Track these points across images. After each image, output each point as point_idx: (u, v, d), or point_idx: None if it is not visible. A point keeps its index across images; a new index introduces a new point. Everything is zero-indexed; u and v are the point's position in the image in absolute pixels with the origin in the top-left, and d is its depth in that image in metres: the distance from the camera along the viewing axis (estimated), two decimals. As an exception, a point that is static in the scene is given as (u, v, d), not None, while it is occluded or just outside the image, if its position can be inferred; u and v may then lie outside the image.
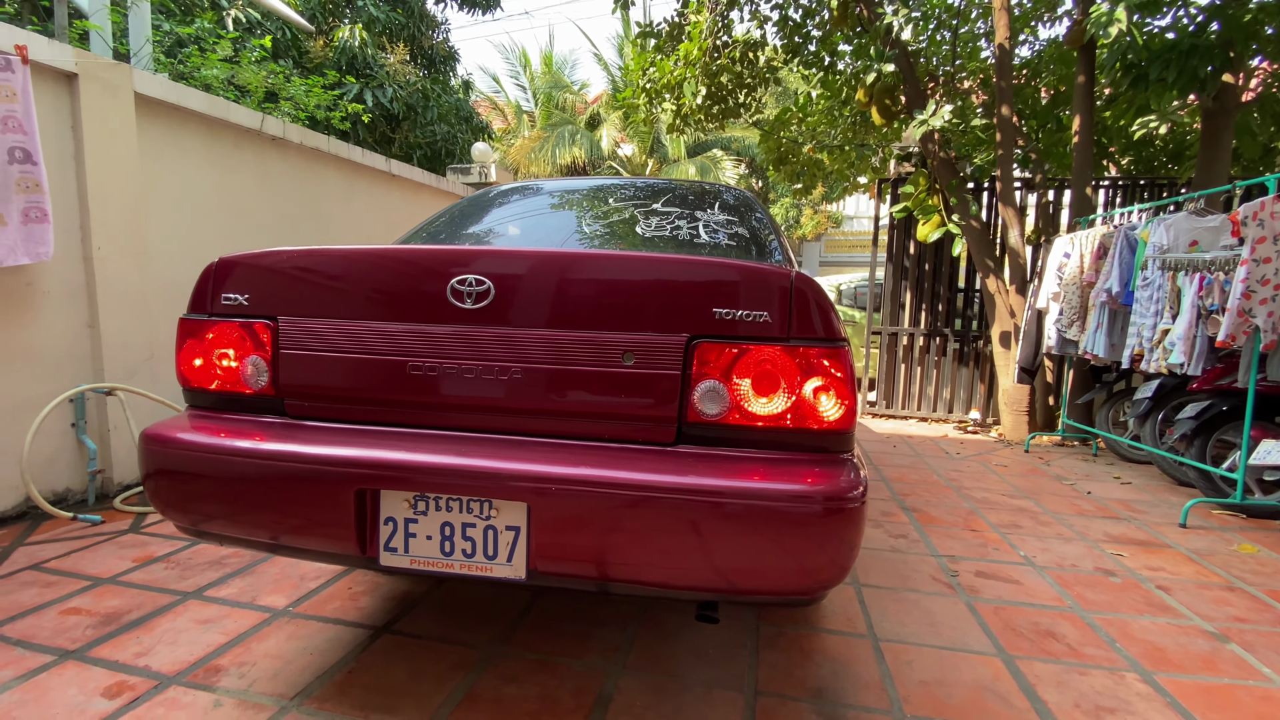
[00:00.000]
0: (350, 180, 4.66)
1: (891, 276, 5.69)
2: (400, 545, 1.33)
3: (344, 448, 1.35)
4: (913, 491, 3.48)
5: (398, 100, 5.98)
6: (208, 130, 3.50)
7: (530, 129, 16.24)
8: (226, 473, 1.39)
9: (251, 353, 1.49)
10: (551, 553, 1.26)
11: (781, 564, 1.20)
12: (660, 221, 2.15)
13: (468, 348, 1.36)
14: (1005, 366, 4.93)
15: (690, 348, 1.31)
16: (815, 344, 1.29)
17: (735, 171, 15.71)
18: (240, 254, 1.53)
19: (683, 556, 1.21)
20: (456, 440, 1.37)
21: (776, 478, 1.23)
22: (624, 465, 1.26)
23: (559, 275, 1.38)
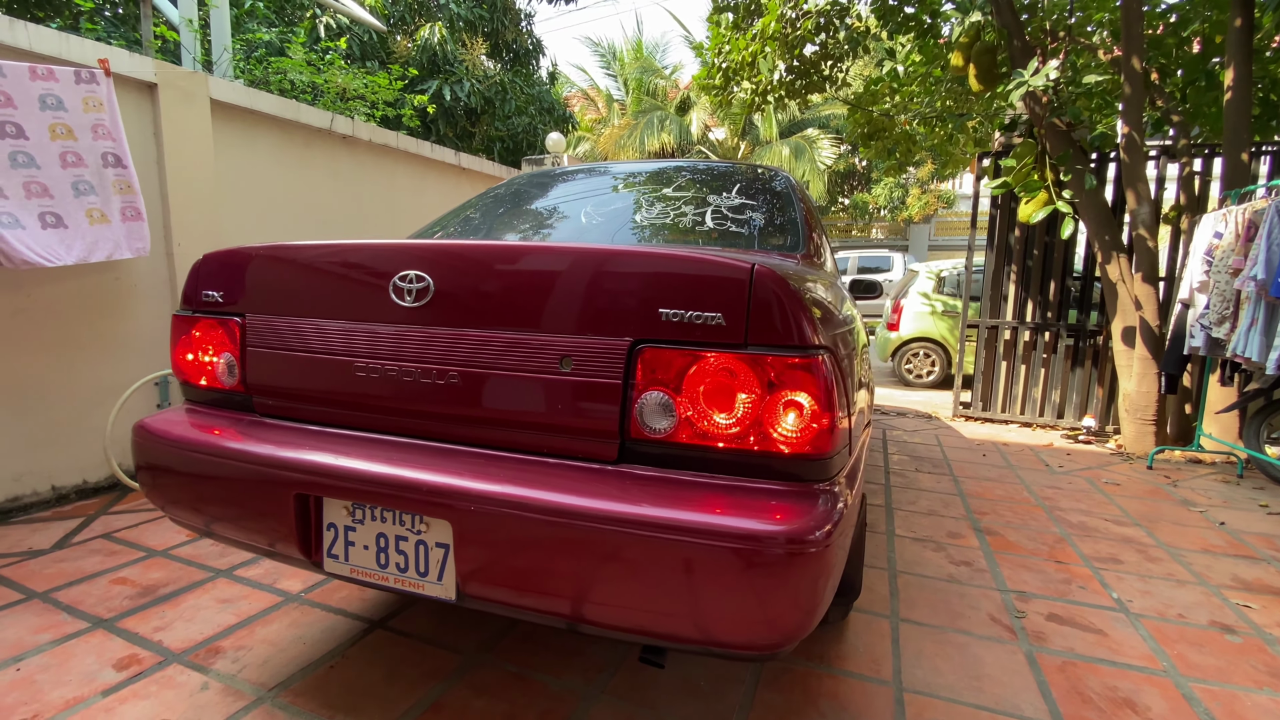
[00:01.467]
0: (420, 174, 4.81)
1: (993, 262, 5.06)
2: (341, 552, 1.28)
3: (288, 450, 1.31)
4: (992, 510, 3.05)
5: (475, 94, 6.13)
6: (280, 131, 3.71)
7: (621, 117, 16.25)
8: (188, 468, 1.40)
9: (225, 350, 1.49)
10: (477, 575, 1.15)
11: (724, 613, 1.02)
12: (664, 208, 2.00)
13: (407, 348, 1.28)
14: (1128, 366, 4.23)
15: (633, 353, 1.14)
16: (781, 352, 1.08)
17: (833, 150, 14.84)
18: (218, 250, 1.52)
19: (612, 594, 1.07)
20: (395, 447, 1.29)
21: (721, 510, 1.03)
22: (552, 485, 1.12)
23: (496, 270, 1.25)
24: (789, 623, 1.02)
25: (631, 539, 1.03)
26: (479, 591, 1.16)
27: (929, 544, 2.60)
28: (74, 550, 2.34)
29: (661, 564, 1.02)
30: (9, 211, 2.33)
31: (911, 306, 7.82)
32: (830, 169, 15.42)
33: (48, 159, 2.47)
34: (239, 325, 1.46)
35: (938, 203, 16.72)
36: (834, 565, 1.07)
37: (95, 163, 2.69)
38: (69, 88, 2.54)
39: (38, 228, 2.41)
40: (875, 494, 3.22)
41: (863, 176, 17.73)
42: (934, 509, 3.04)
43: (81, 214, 2.56)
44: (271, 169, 3.68)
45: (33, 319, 2.67)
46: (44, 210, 2.44)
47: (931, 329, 7.69)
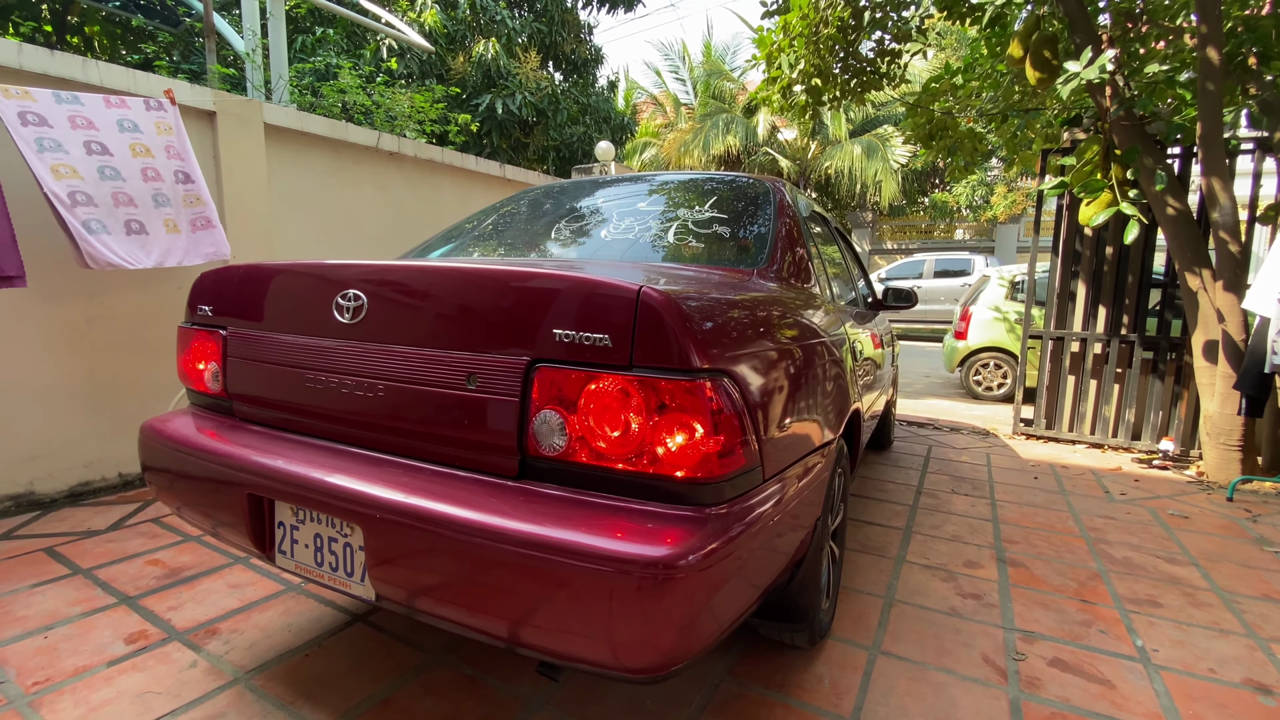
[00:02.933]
0: (466, 187, 5.02)
1: (1059, 268, 4.67)
2: (289, 549, 1.38)
3: (246, 452, 1.42)
4: (1025, 539, 2.82)
5: (527, 106, 6.32)
6: (330, 150, 3.99)
7: (687, 121, 16.23)
8: (173, 464, 1.56)
9: (213, 359, 1.64)
10: (383, 578, 1.22)
11: (601, 634, 1.02)
12: (632, 222, 2.03)
13: (344, 361, 1.37)
14: (1209, 385, 3.78)
15: (530, 371, 1.17)
16: (669, 375, 1.08)
17: (906, 148, 14.15)
18: (210, 269, 1.69)
19: (499, 608, 1.10)
20: (333, 454, 1.38)
21: (601, 531, 1.05)
22: (451, 498, 1.17)
23: (416, 290, 1.33)
24: (666, 647, 1.02)
25: (514, 555, 1.05)
26: (388, 594, 1.22)
27: (939, 573, 2.44)
28: (124, 532, 2.62)
29: (542, 582, 1.04)
30: (98, 218, 2.64)
31: (981, 314, 7.35)
32: (906, 167, 14.71)
33: (131, 173, 2.78)
34: (222, 337, 1.61)
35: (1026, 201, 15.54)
36: (718, 590, 1.07)
37: (169, 178, 2.99)
38: (140, 114, 2.85)
39: (123, 234, 2.72)
40: (897, 516, 3.05)
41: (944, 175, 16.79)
42: (959, 535, 2.84)
43: (160, 223, 2.87)
44: (322, 186, 3.97)
45: (106, 325, 3.01)
46: (129, 218, 2.76)
47: (1002, 338, 7.18)
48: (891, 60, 5.99)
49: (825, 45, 5.21)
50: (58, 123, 2.61)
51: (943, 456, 4.25)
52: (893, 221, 18.65)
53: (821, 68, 5.54)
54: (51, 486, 2.89)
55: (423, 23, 6.01)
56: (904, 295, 3.38)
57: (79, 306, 2.91)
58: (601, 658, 1.04)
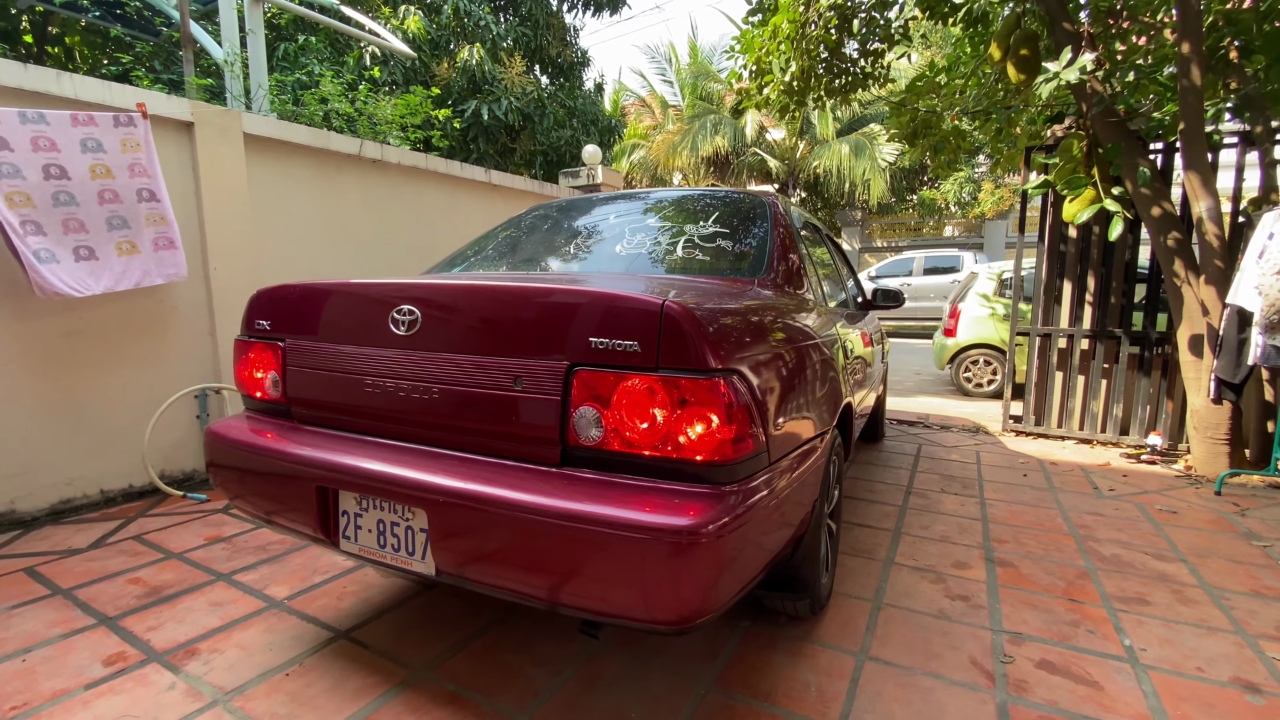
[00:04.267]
0: (451, 193, 5.00)
1: (1045, 263, 4.68)
2: (353, 535, 1.55)
3: (312, 450, 1.59)
4: (1014, 538, 2.82)
5: (512, 112, 6.30)
6: (312, 159, 3.96)
7: (675, 123, 16.24)
8: (241, 464, 1.73)
9: (271, 368, 1.81)
10: (446, 555, 1.39)
11: (637, 592, 1.20)
12: (643, 238, 2.23)
13: (402, 368, 1.53)
14: (1196, 379, 3.80)
15: (570, 374, 1.34)
16: (687, 374, 1.26)
17: (893, 147, 14.21)
18: (266, 287, 1.86)
19: (549, 574, 1.28)
20: (393, 450, 1.55)
21: (636, 505, 1.23)
22: (504, 483, 1.33)
23: (466, 305, 1.51)
24: (693, 603, 1.20)
25: (564, 528, 1.22)
26: (448, 568, 1.40)
27: (928, 574, 2.43)
28: (105, 550, 2.58)
29: (588, 550, 1.21)
30: (47, 247, 2.60)
31: (970, 310, 7.38)
32: (895, 165, 14.77)
33: (86, 197, 2.74)
34: (281, 348, 1.77)
35: (1014, 197, 15.62)
36: (735, 555, 1.25)
37: (130, 198, 2.95)
38: (108, 131, 2.81)
39: (71, 261, 2.68)
40: (886, 517, 3.05)
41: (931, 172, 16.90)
42: (948, 535, 2.84)
43: (111, 247, 2.83)
44: (305, 195, 3.94)
45: (84, 340, 2.97)
46: (79, 244, 2.72)
47: (992, 334, 7.20)
48: (875, 60, 6.02)
49: (812, 45, 5.21)
50: (19, 146, 2.58)
51: (932, 455, 4.25)
52: (882, 220, 18.73)
53: (805, 69, 5.55)
54: (32, 504, 2.85)
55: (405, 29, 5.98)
56: (892, 295, 3.49)
57: (54, 322, 2.87)
58: (638, 613, 1.21)
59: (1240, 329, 3.39)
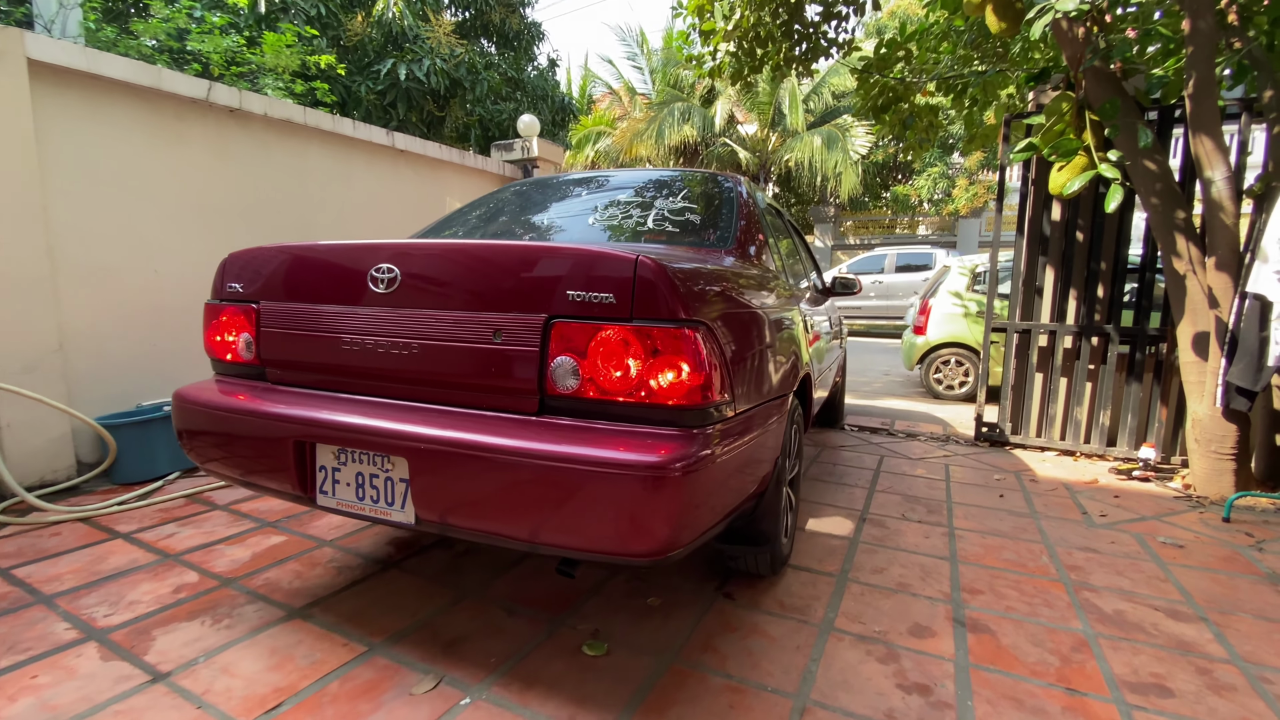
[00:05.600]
0: (344, 157, 4.25)
1: (1025, 250, 4.11)
2: (330, 489, 1.56)
3: (290, 408, 1.59)
4: (991, 586, 2.20)
5: (438, 74, 5.57)
6: (142, 102, 3.19)
7: (643, 110, 15.56)
8: (214, 425, 1.71)
9: (245, 330, 1.78)
10: (427, 503, 1.43)
11: (612, 526, 1.27)
12: (613, 212, 2.30)
13: (381, 325, 1.54)
14: (1198, 383, 3.25)
15: (548, 327, 1.40)
16: (659, 324, 1.33)
17: (869, 139, 13.73)
18: (238, 250, 1.82)
19: (529, 514, 1.33)
20: (372, 405, 1.56)
21: (612, 446, 1.29)
22: (483, 430, 1.38)
23: (446, 263, 1.54)
24: (666, 534, 1.27)
25: (542, 470, 1.29)
26: (429, 515, 1.43)
27: (876, 648, 1.79)
28: None
29: (565, 488, 1.28)
30: None
31: (941, 307, 6.84)
32: (867, 159, 14.29)
33: None
34: (255, 310, 1.76)
35: (988, 194, 15.26)
36: (704, 491, 1.33)
37: None
38: None
39: None
40: (832, 555, 2.41)
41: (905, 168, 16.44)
42: (907, 581, 2.21)
43: None
44: (133, 146, 3.17)
45: None
46: None
47: (964, 333, 6.67)
48: (840, 24, 5.41)
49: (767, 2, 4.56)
50: None
51: (895, 469, 3.64)
52: (855, 216, 18.29)
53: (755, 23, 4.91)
54: None
55: (310, -26, 5.25)
56: (847, 284, 3.49)
57: None
58: (615, 547, 1.29)
59: (1260, 324, 2.83)
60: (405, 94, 5.65)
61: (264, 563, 2.23)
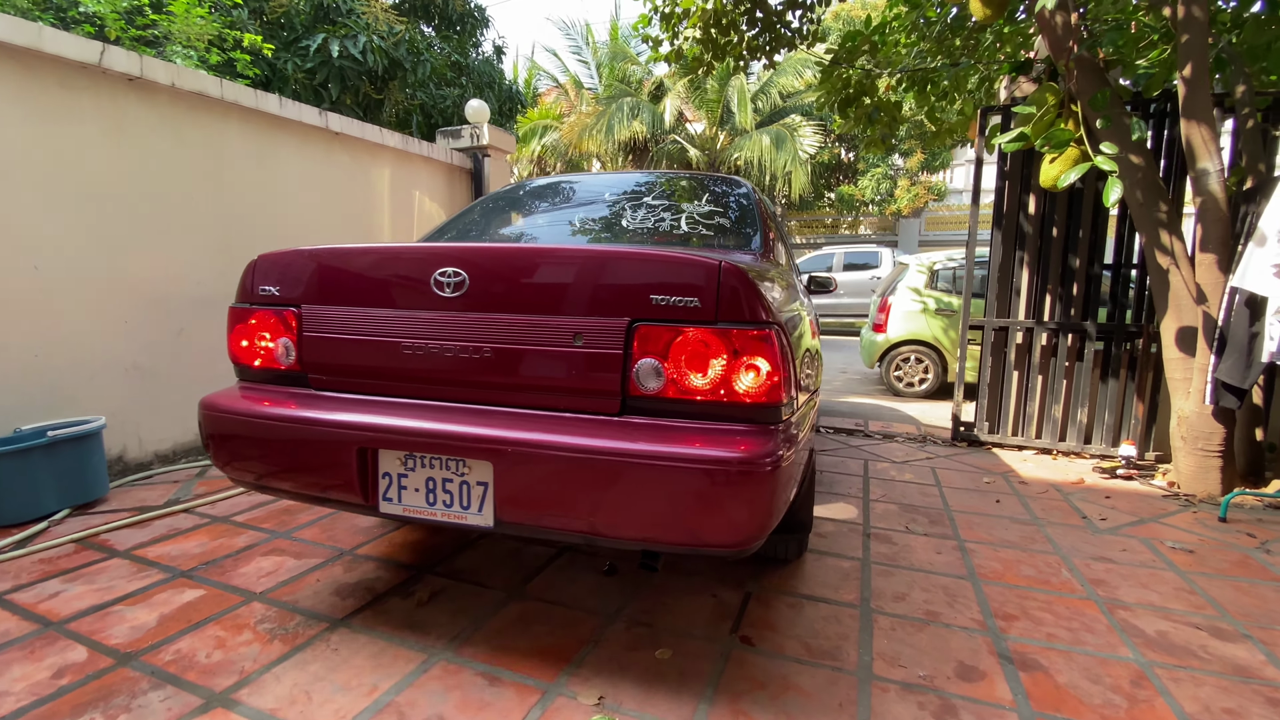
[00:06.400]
0: (268, 138, 3.74)
1: (1001, 246, 4.04)
2: (395, 496, 1.54)
3: (349, 414, 1.56)
4: (1022, 608, 2.01)
5: (375, 53, 5.07)
6: (18, 66, 2.65)
7: (590, 104, 15.20)
8: (263, 434, 1.63)
9: (283, 335, 1.72)
10: (512, 504, 1.43)
11: (696, 520, 1.31)
12: (646, 214, 2.26)
13: (448, 330, 1.53)
14: (1184, 380, 3.22)
15: (631, 330, 1.42)
16: (742, 326, 1.38)
17: (817, 139, 13.86)
18: (272, 252, 1.74)
19: (616, 511, 1.36)
20: (438, 409, 1.54)
21: (698, 443, 1.33)
22: (570, 432, 1.40)
23: (521, 267, 1.53)
24: (751, 525, 1.33)
25: (631, 467, 1.32)
26: (513, 517, 1.45)
27: (928, 699, 1.55)
28: None
29: (654, 484, 1.32)
30: None
31: (901, 304, 6.82)
32: (814, 159, 14.42)
33: None
34: (296, 314, 1.69)
35: (928, 195, 15.73)
36: (783, 484, 1.38)
37: None
38: None
39: None
40: (846, 580, 2.18)
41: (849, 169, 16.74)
42: (935, 608, 2.00)
43: None
44: (4, 122, 2.61)
45: None
46: None
47: (924, 330, 6.68)
48: (805, 13, 5.25)
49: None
50: None
51: (883, 475, 3.47)
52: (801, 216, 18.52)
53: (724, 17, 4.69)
54: None
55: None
56: (823, 283, 3.43)
57: None
58: (708, 539, 1.33)
59: (1251, 320, 2.78)
60: (338, 73, 5.12)
61: (175, 628, 1.79)
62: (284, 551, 2.30)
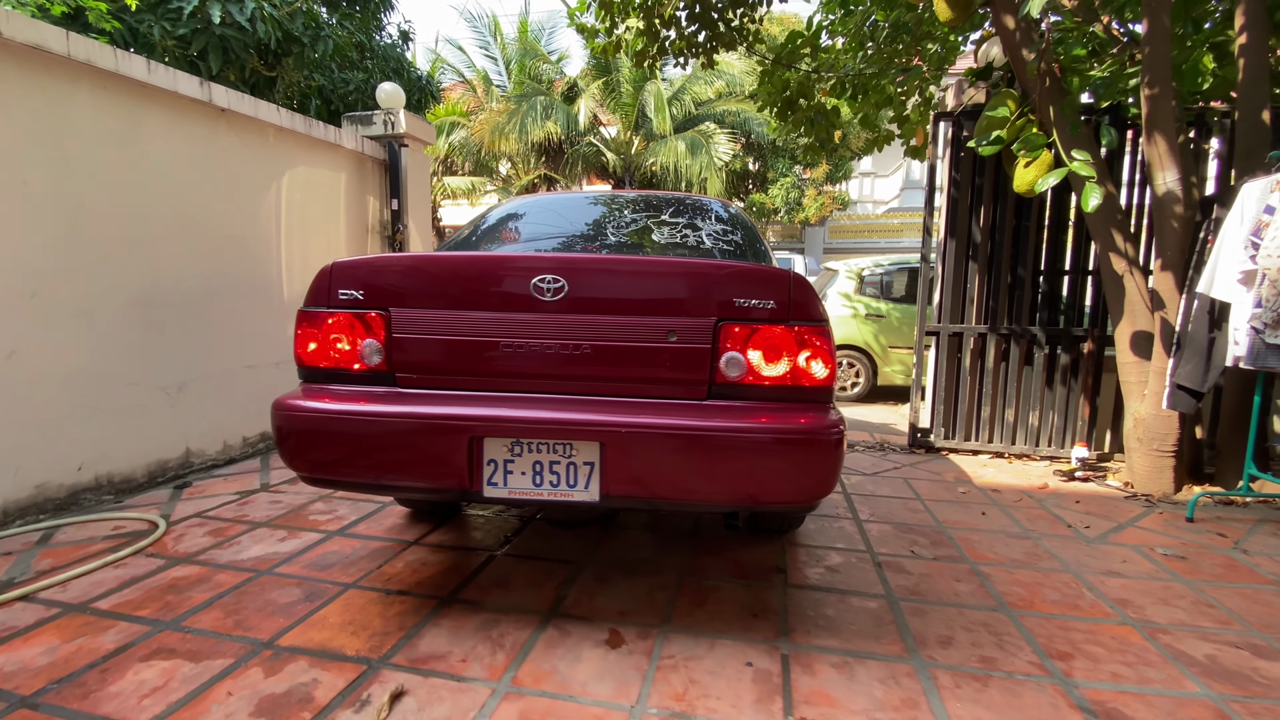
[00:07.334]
0: (134, 110, 3.00)
1: (954, 254, 4.04)
2: (500, 480, 1.69)
3: (459, 407, 1.69)
4: (1074, 646, 1.85)
5: (267, 22, 4.34)
6: None
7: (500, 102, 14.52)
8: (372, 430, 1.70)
9: (368, 337, 1.79)
10: (619, 480, 1.64)
11: (781, 481, 1.63)
12: (672, 230, 2.51)
13: (548, 330, 1.70)
14: (1138, 383, 3.30)
15: (717, 328, 1.69)
16: (807, 324, 1.69)
17: (730, 147, 14.03)
18: (348, 259, 1.83)
19: (711, 478, 1.61)
20: (542, 400, 1.72)
21: (775, 419, 1.64)
22: (669, 415, 1.65)
23: (618, 274, 1.78)
24: (824, 482, 1.64)
25: (726, 441, 1.59)
26: (619, 491, 1.65)
27: (1039, 780, 1.31)
28: None
29: (744, 453, 1.61)
30: None
31: (831, 310, 6.87)
32: (728, 166, 14.60)
33: None
34: (384, 317, 1.78)
35: (833, 204, 16.45)
36: (840, 450, 1.64)
37: None
38: None
39: None
40: (881, 625, 1.93)
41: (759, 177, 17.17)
42: (987, 654, 1.79)
43: None
44: None
45: None
46: None
47: (855, 335, 6.78)
48: (746, 13, 5.10)
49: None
50: None
51: (861, 489, 3.32)
52: (713, 222, 18.70)
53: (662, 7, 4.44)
54: None
55: None
56: None
57: None
58: (785, 497, 1.65)
59: (1210, 325, 2.86)
60: (219, 43, 4.33)
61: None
62: (174, 651, 1.71)
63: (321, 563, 2.29)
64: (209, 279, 3.42)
